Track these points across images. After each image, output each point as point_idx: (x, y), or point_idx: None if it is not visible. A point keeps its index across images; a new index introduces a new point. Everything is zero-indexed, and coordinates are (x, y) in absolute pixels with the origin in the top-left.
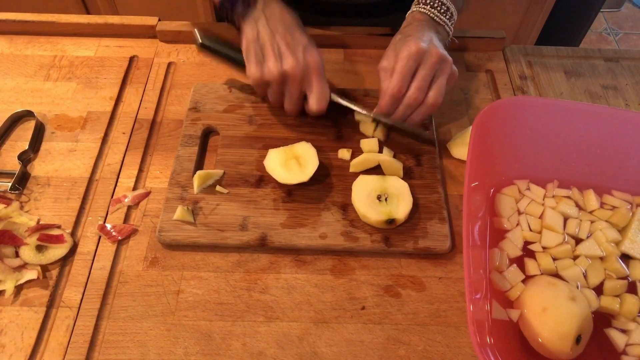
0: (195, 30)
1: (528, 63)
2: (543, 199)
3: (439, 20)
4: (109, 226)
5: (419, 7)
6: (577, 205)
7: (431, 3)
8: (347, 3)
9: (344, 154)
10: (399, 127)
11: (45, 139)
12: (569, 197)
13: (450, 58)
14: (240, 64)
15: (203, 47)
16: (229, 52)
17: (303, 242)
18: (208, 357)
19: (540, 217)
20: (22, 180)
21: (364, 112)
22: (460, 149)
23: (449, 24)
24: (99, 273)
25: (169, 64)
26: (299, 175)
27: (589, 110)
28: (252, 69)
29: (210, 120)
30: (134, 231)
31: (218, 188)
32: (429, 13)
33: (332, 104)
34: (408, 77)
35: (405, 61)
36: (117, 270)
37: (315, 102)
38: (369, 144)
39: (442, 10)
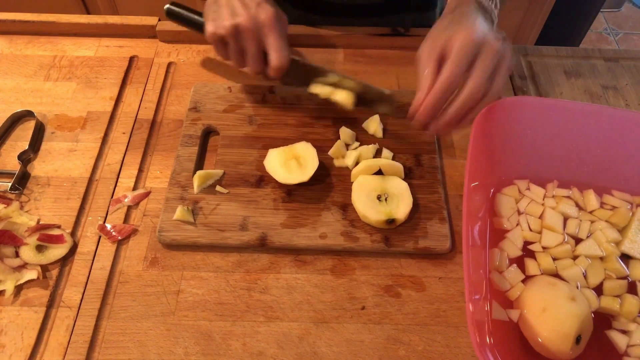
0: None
1: (528, 63)
2: (543, 199)
3: (487, 6)
4: (109, 226)
5: None
6: (577, 205)
7: None
8: (348, 3)
9: (340, 162)
10: (364, 89)
11: (45, 139)
12: (569, 197)
13: (509, 49)
14: (202, 28)
15: (170, 13)
16: (192, 17)
17: (303, 242)
18: (208, 357)
19: (540, 217)
20: (22, 180)
21: (333, 73)
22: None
23: (495, 12)
24: (99, 273)
25: (169, 64)
26: (299, 175)
27: (589, 110)
28: (207, 26)
29: (210, 120)
30: (134, 231)
31: (218, 188)
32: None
33: (303, 72)
34: (464, 68)
35: (462, 49)
36: (117, 270)
37: (273, 57)
38: (367, 152)
39: None
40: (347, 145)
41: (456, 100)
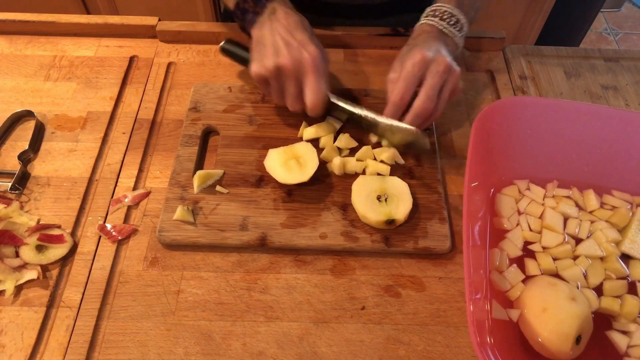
0: (225, 40)
1: (528, 63)
2: (543, 199)
3: (448, 32)
4: (109, 226)
5: (427, 20)
6: (577, 205)
7: (440, 15)
8: (348, 4)
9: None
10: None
11: (45, 139)
12: (569, 197)
13: (457, 69)
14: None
15: (224, 51)
16: (243, 54)
17: (303, 242)
18: (208, 357)
19: (540, 217)
20: (22, 180)
21: (370, 114)
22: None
23: (459, 35)
24: (99, 273)
25: (169, 64)
26: (299, 175)
27: (589, 110)
28: (252, 66)
29: (210, 120)
30: (134, 231)
31: (218, 188)
32: (437, 25)
33: (338, 108)
34: (412, 84)
35: (410, 68)
36: (117, 270)
37: (308, 96)
38: (352, 163)
39: (452, 22)
40: (341, 150)
41: (408, 114)
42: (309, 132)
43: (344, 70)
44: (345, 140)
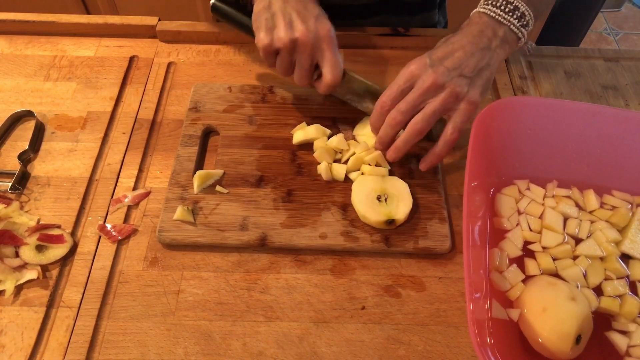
0: None
1: (528, 63)
2: (543, 199)
3: (503, 20)
4: (109, 226)
5: (479, 8)
6: (577, 205)
7: (493, 2)
8: (348, 4)
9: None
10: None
11: (45, 139)
12: (569, 197)
13: (451, 86)
14: (250, 31)
15: (215, 9)
16: (240, 17)
17: (303, 242)
18: (208, 357)
19: (540, 217)
20: (22, 180)
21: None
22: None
23: (517, 24)
24: (99, 273)
25: (169, 64)
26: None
27: (589, 110)
28: (261, 35)
29: (210, 120)
30: (134, 231)
31: (218, 188)
32: (488, 12)
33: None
34: (397, 95)
35: (399, 78)
36: (117, 270)
37: (329, 72)
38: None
39: (507, 10)
40: (337, 151)
41: (401, 136)
42: (298, 135)
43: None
44: (337, 141)
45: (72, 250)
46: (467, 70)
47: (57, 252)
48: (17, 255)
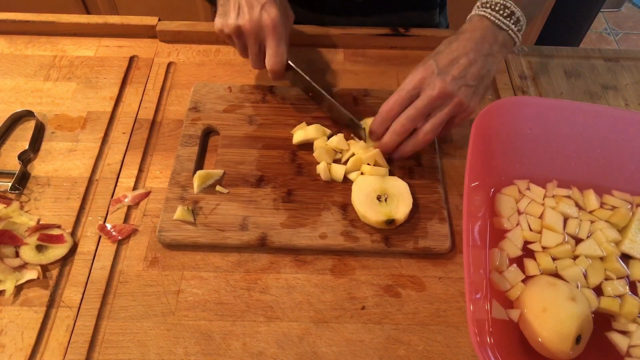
0: None
1: (528, 63)
2: (543, 199)
3: (502, 24)
4: (109, 226)
5: (479, 10)
6: (577, 205)
7: (492, 6)
8: (350, 0)
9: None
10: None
11: (45, 139)
12: (569, 197)
13: (459, 96)
14: None
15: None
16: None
17: (303, 242)
18: (208, 357)
19: (540, 217)
20: (22, 180)
21: (318, 88)
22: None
23: (515, 29)
24: (99, 273)
25: (169, 64)
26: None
27: (589, 110)
28: (215, 21)
29: (210, 120)
30: (134, 231)
31: (218, 188)
32: (489, 16)
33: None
34: (404, 101)
35: (407, 83)
36: (117, 270)
37: (268, 59)
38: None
39: (505, 14)
40: (337, 151)
41: (389, 129)
42: (298, 135)
43: (344, 70)
44: (337, 141)
45: (72, 250)
46: (471, 79)
47: (57, 252)
48: (17, 255)
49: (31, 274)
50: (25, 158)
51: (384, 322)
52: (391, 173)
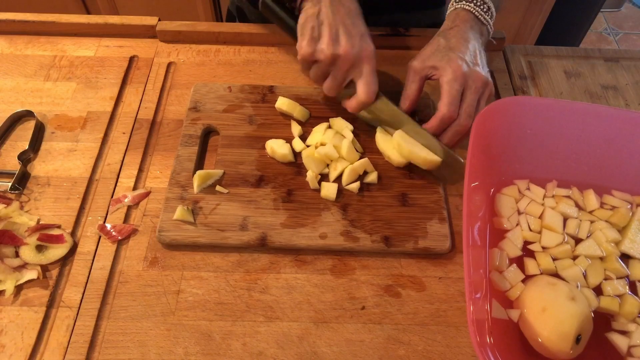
0: None
1: (528, 63)
2: (543, 199)
3: (483, 20)
4: (109, 226)
5: (463, 4)
6: (577, 205)
7: (474, 1)
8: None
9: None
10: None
11: (45, 139)
12: (568, 197)
13: (491, 80)
14: (294, 34)
15: (265, 6)
16: (288, 18)
17: (303, 242)
18: (208, 357)
19: (540, 217)
20: (22, 180)
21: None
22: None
23: (490, 22)
24: (99, 273)
25: (169, 64)
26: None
27: (589, 110)
28: (304, 43)
29: (210, 120)
30: (134, 231)
31: (218, 188)
32: (473, 11)
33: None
34: (458, 101)
35: (452, 84)
36: (117, 270)
37: (364, 91)
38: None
39: (484, 9)
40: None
41: (449, 130)
42: (315, 137)
43: None
44: (326, 151)
45: (72, 250)
46: (485, 64)
47: (57, 252)
48: (17, 255)
49: (31, 274)
50: (25, 158)
51: (384, 322)
52: (392, 172)
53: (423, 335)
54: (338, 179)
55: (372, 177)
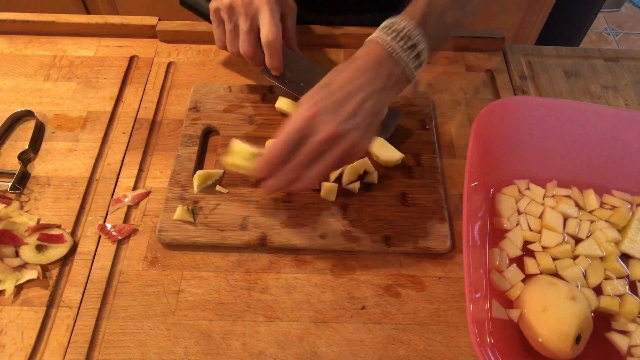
0: None
1: (528, 63)
2: (543, 199)
3: (400, 60)
4: (109, 226)
5: (380, 34)
6: (577, 205)
7: (393, 33)
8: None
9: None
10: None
11: (45, 139)
12: (568, 197)
13: (350, 137)
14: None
15: (183, 3)
16: (203, 8)
17: (303, 242)
18: (208, 356)
19: (540, 216)
20: (22, 180)
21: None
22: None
23: (412, 65)
24: (99, 273)
25: (169, 64)
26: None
27: (589, 110)
28: (211, 3)
29: (210, 120)
30: (134, 231)
31: (218, 188)
32: (387, 47)
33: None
34: (291, 144)
35: (292, 124)
36: (117, 270)
37: (264, 32)
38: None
39: (406, 46)
40: None
41: (295, 184)
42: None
43: None
44: None
45: (72, 250)
46: (365, 117)
47: (57, 251)
48: (17, 255)
49: (31, 274)
50: (25, 158)
51: (384, 321)
52: (391, 172)
53: (423, 335)
54: (338, 179)
55: (372, 177)
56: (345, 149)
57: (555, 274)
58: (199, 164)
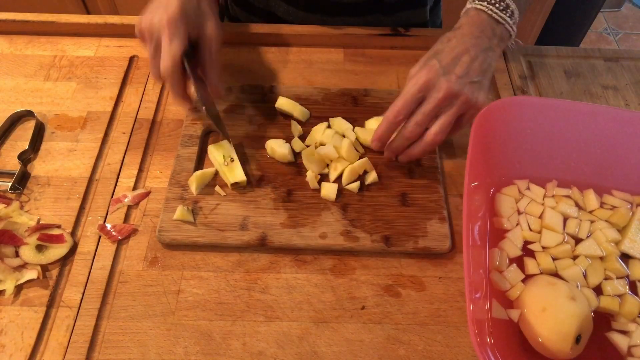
0: None
1: (528, 63)
2: (543, 199)
3: (499, 18)
4: (109, 226)
5: (475, 4)
6: (577, 205)
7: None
8: (337, 1)
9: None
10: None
11: (45, 139)
12: (568, 197)
13: (465, 94)
14: None
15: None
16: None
17: (303, 242)
18: (208, 356)
19: (540, 216)
20: (22, 180)
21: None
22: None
23: (510, 22)
24: (99, 273)
25: None
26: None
27: (589, 110)
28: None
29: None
30: (134, 231)
31: (217, 188)
32: (486, 10)
33: None
34: (411, 105)
35: (412, 86)
36: (117, 270)
37: (162, 60)
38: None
39: (501, 7)
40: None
41: (398, 135)
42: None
43: (344, 70)
44: (326, 151)
45: (72, 250)
46: (475, 75)
47: (57, 252)
48: (17, 255)
49: (31, 274)
50: (25, 158)
51: (384, 322)
52: (390, 172)
53: (423, 335)
54: (338, 179)
55: (372, 177)
56: (462, 105)
57: (555, 274)
58: (199, 164)
